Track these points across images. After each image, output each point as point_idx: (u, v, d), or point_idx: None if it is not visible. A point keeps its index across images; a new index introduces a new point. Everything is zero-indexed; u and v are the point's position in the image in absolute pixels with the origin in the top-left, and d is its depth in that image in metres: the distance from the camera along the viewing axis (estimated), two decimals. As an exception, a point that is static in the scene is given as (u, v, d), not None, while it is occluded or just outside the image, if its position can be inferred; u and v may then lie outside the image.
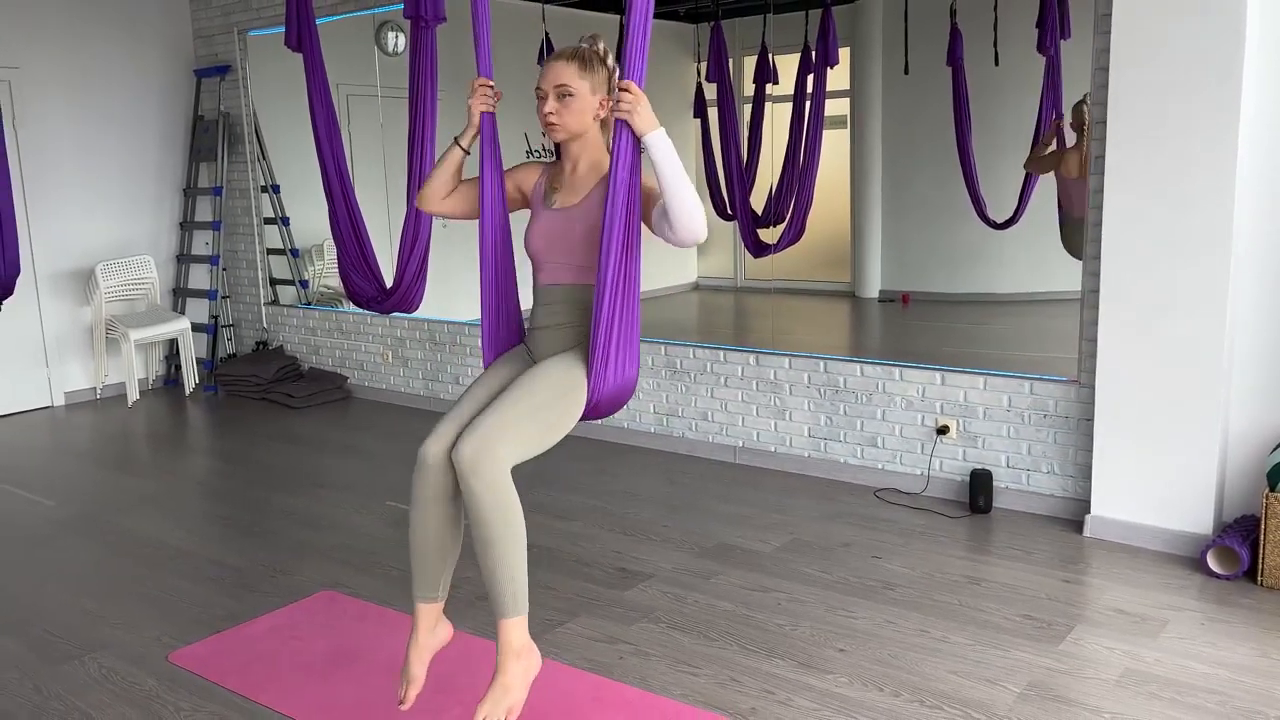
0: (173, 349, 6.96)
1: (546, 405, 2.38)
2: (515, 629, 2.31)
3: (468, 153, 2.60)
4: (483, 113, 2.55)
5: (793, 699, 2.72)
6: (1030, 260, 5.11)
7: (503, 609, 2.30)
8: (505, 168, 2.63)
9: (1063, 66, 4.54)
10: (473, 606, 3.30)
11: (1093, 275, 3.77)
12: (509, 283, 2.65)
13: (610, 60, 2.54)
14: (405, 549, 2.71)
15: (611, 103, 2.42)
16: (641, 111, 2.29)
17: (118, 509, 4.47)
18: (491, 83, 2.56)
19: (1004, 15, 4.88)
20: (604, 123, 2.54)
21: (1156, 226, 3.53)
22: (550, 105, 2.46)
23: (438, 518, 2.44)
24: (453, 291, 6.33)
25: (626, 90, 2.29)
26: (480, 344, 2.64)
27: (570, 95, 2.46)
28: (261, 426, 5.92)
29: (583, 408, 2.46)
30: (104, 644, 3.15)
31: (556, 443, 2.44)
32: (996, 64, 4.95)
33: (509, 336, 2.68)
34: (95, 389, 6.69)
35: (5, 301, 4.37)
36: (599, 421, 4.61)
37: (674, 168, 2.31)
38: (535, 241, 2.58)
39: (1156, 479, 3.64)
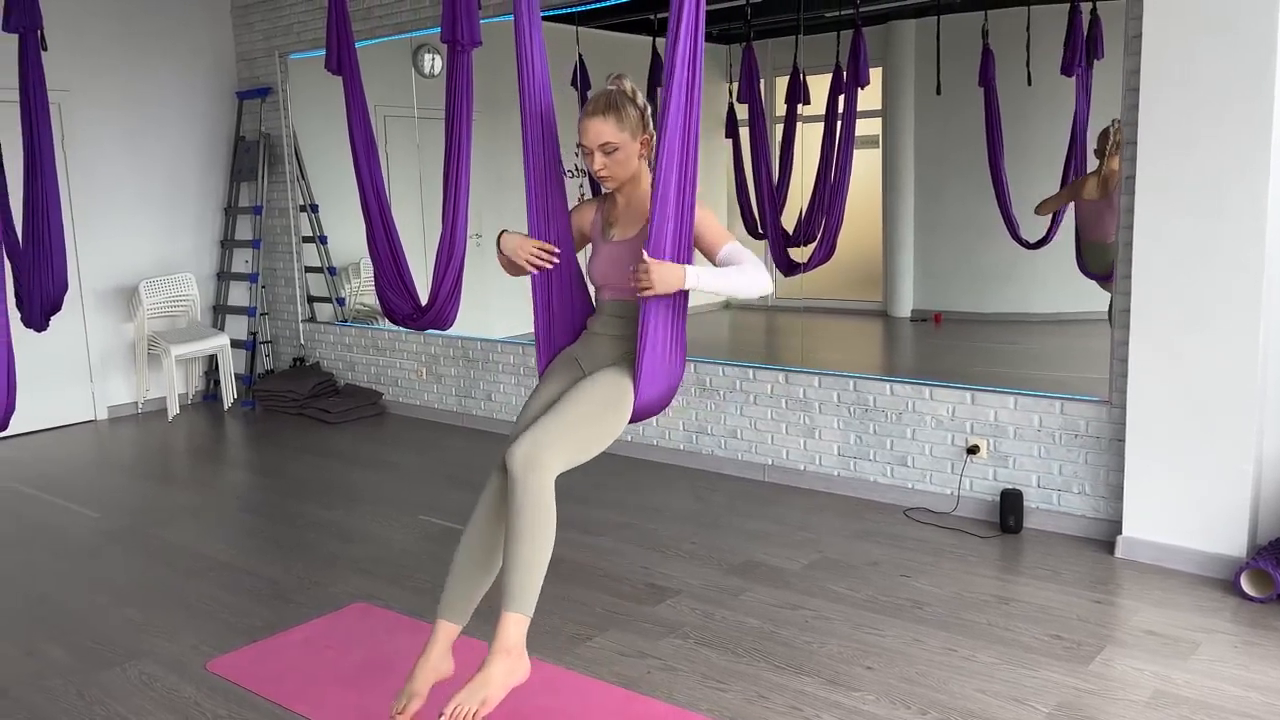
0: (212, 365, 7.09)
1: (594, 418, 2.55)
2: (514, 625, 2.41)
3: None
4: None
5: (820, 716, 2.73)
6: (1063, 280, 5.09)
7: (509, 600, 2.40)
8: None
9: (1093, 87, 4.54)
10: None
11: (1124, 295, 3.76)
12: (563, 309, 2.80)
13: (640, 98, 2.66)
14: (437, 562, 2.77)
15: (650, 148, 2.61)
16: (661, 283, 2.43)
17: (159, 521, 4.56)
18: (552, 250, 2.67)
19: (1036, 36, 4.89)
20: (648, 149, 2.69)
21: (1188, 245, 3.53)
22: (599, 162, 2.62)
23: (488, 532, 2.59)
24: (486, 309, 6.40)
25: (643, 272, 2.42)
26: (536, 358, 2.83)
27: (615, 149, 2.60)
28: (298, 441, 6.02)
29: (627, 419, 2.63)
30: (145, 652, 3.23)
31: (604, 449, 2.60)
32: (1029, 84, 4.95)
33: (565, 343, 2.84)
34: (137, 404, 6.83)
35: (53, 318, 4.48)
36: (628, 438, 4.64)
37: (721, 284, 2.51)
38: (597, 274, 2.76)
39: (1189, 500, 3.62)
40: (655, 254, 2.47)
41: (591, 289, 2.84)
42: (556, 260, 2.69)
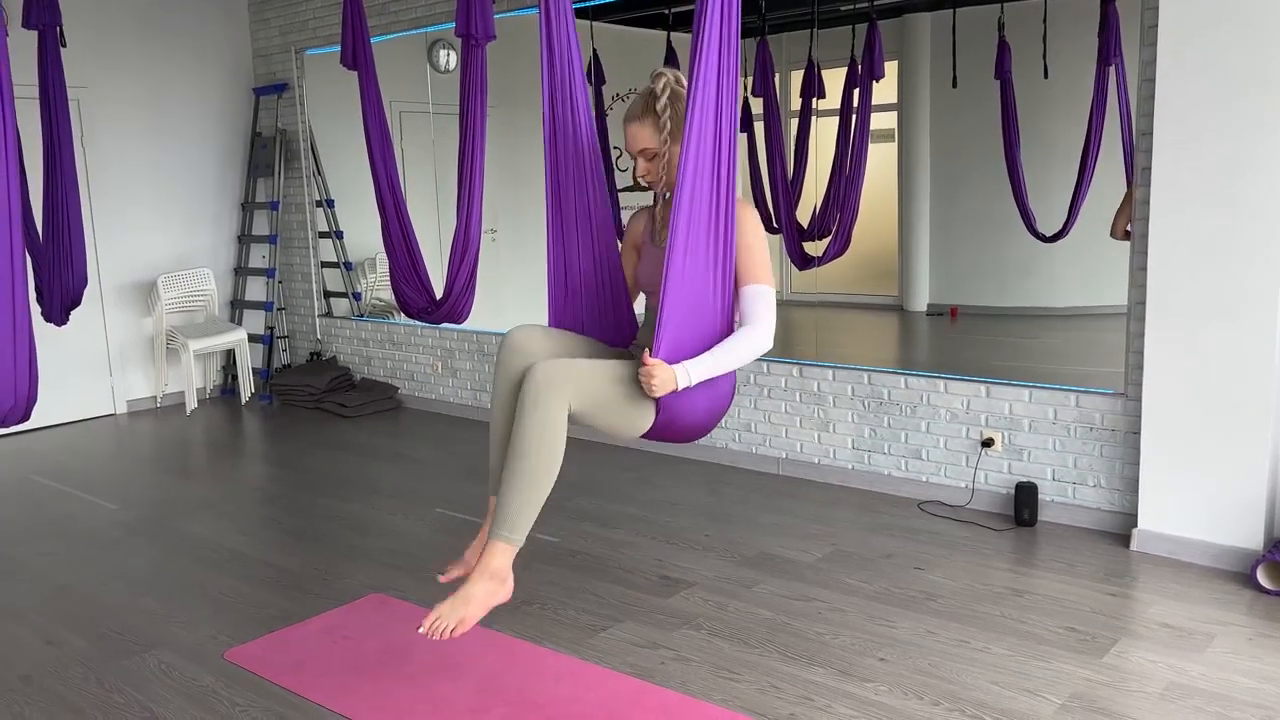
0: (230, 359, 7.15)
1: (620, 380, 2.48)
2: (501, 551, 2.44)
3: None
4: None
5: (832, 706, 2.74)
6: (1080, 274, 5.07)
7: (500, 526, 2.43)
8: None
9: (1110, 80, 4.51)
10: (517, 612, 3.36)
11: (1139, 287, 3.75)
12: (591, 307, 2.82)
13: (662, 99, 2.63)
14: (454, 554, 2.79)
15: None
16: (660, 386, 2.43)
17: (177, 513, 4.61)
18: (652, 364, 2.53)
19: (1053, 28, 4.87)
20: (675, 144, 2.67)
21: (1203, 237, 3.51)
22: (643, 167, 2.65)
23: (509, 408, 2.57)
24: (501, 304, 6.43)
25: (645, 376, 2.42)
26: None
27: (654, 155, 2.63)
28: (315, 435, 6.06)
29: (644, 423, 2.57)
30: (164, 641, 3.27)
31: (611, 431, 2.57)
32: (1045, 76, 4.93)
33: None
34: (155, 398, 6.89)
35: (73, 312, 4.53)
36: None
37: (716, 368, 2.50)
38: (645, 279, 2.79)
39: (1205, 493, 3.61)
40: (685, 259, 2.42)
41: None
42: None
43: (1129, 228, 3.84)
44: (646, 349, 2.45)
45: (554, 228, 2.75)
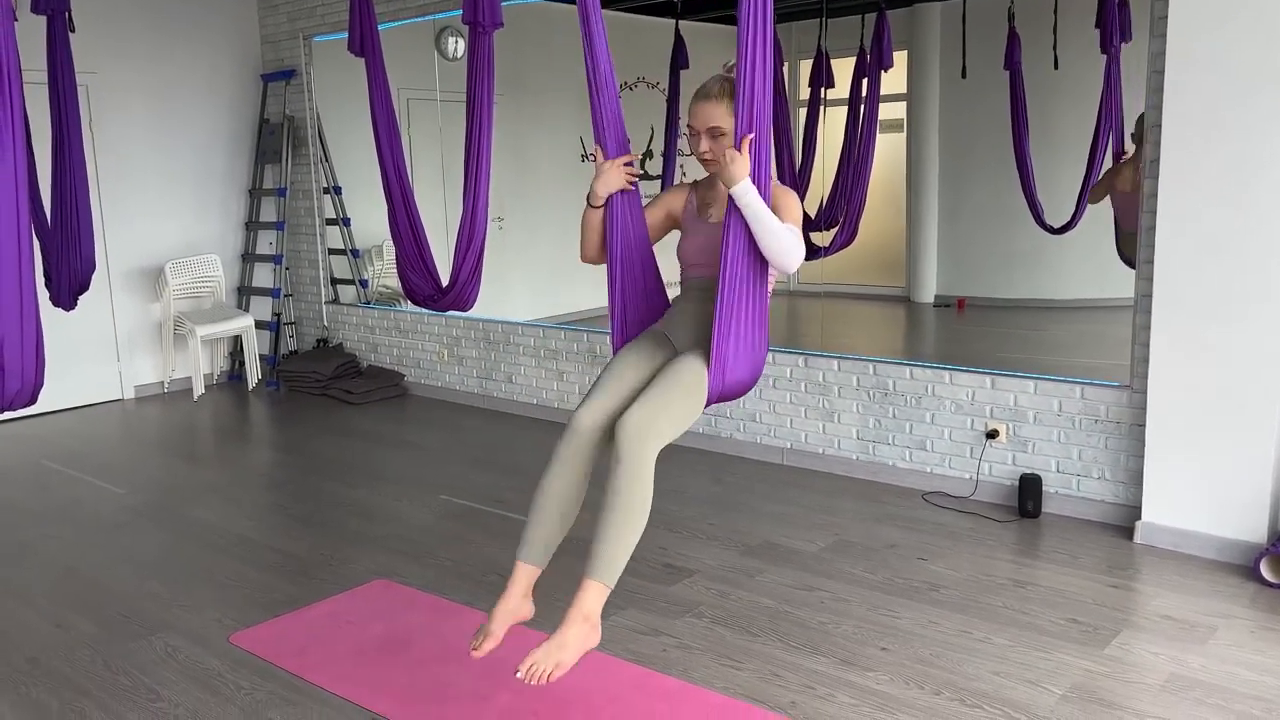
0: (237, 345, 7.17)
1: (687, 394, 2.56)
2: (595, 593, 2.45)
3: (600, 207, 2.72)
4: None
5: (834, 695, 2.75)
6: (1088, 266, 5.06)
7: (594, 569, 2.44)
8: (651, 196, 2.80)
9: (1122, 71, 4.49)
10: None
11: (1145, 280, 3.74)
12: (636, 292, 2.79)
13: None
14: (458, 540, 2.80)
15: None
16: (730, 165, 2.45)
17: (184, 497, 4.63)
18: (630, 160, 2.66)
19: (1063, 18, 4.84)
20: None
21: (1211, 230, 3.50)
22: (705, 145, 2.61)
23: (571, 483, 2.62)
24: (507, 292, 6.44)
25: (728, 153, 2.46)
26: (610, 338, 2.84)
27: (723, 134, 2.59)
28: (321, 421, 6.08)
29: (705, 402, 2.63)
30: (170, 625, 3.29)
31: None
32: (1056, 67, 4.91)
33: (637, 330, 2.83)
34: (163, 383, 6.92)
35: (80, 297, 4.54)
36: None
37: (765, 218, 2.46)
38: (690, 252, 2.75)
39: (1209, 485, 3.60)
40: (729, 241, 2.48)
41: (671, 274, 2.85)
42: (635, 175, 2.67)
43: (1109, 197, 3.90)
44: (747, 138, 2.46)
45: (615, 203, 2.74)
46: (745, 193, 2.46)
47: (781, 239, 2.46)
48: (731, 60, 2.65)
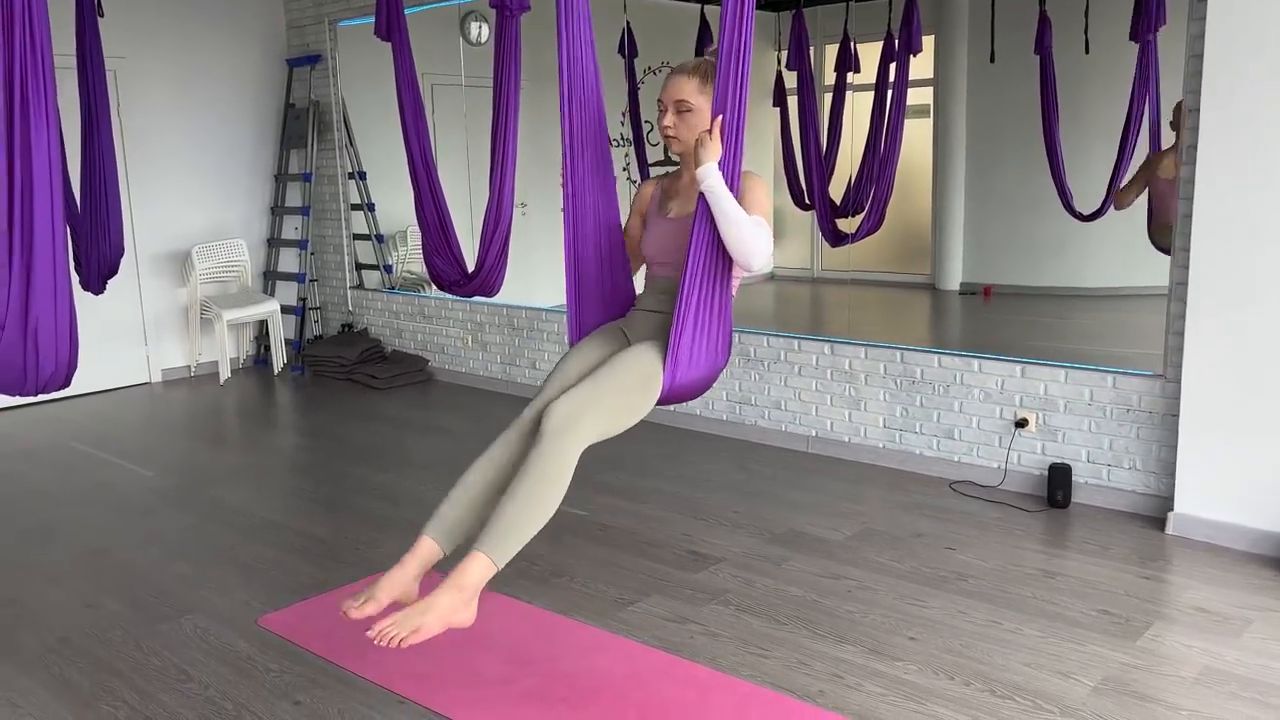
0: (262, 330, 7.20)
1: (628, 391, 2.49)
2: (478, 566, 2.29)
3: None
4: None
5: (862, 684, 2.73)
6: (1118, 254, 5.00)
7: (486, 542, 2.30)
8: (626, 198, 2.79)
9: (1159, 57, 4.42)
10: (546, 584, 3.38)
11: (1181, 267, 3.68)
12: (600, 285, 2.76)
13: None
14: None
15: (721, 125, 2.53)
16: (700, 150, 2.42)
17: (211, 481, 4.66)
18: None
19: (1095, 2, 4.77)
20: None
21: (1249, 217, 3.44)
22: (669, 120, 2.58)
23: (497, 470, 2.50)
24: (533, 277, 6.43)
25: (700, 136, 2.43)
26: (567, 327, 2.77)
27: (689, 110, 2.56)
28: (346, 406, 6.10)
29: (655, 399, 2.56)
30: (199, 606, 3.31)
31: (631, 426, 2.53)
32: (1087, 52, 4.84)
33: (594, 324, 2.78)
34: (189, 367, 6.96)
35: (109, 281, 4.57)
36: (671, 408, 4.66)
37: (729, 209, 2.41)
38: (649, 248, 2.72)
39: (1243, 476, 3.55)
40: (695, 237, 2.45)
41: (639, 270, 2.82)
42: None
43: (1135, 199, 3.84)
44: (718, 119, 2.43)
45: (570, 198, 2.72)
46: (708, 175, 2.41)
47: (742, 229, 2.40)
48: (714, 46, 2.63)
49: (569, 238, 2.70)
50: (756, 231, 2.42)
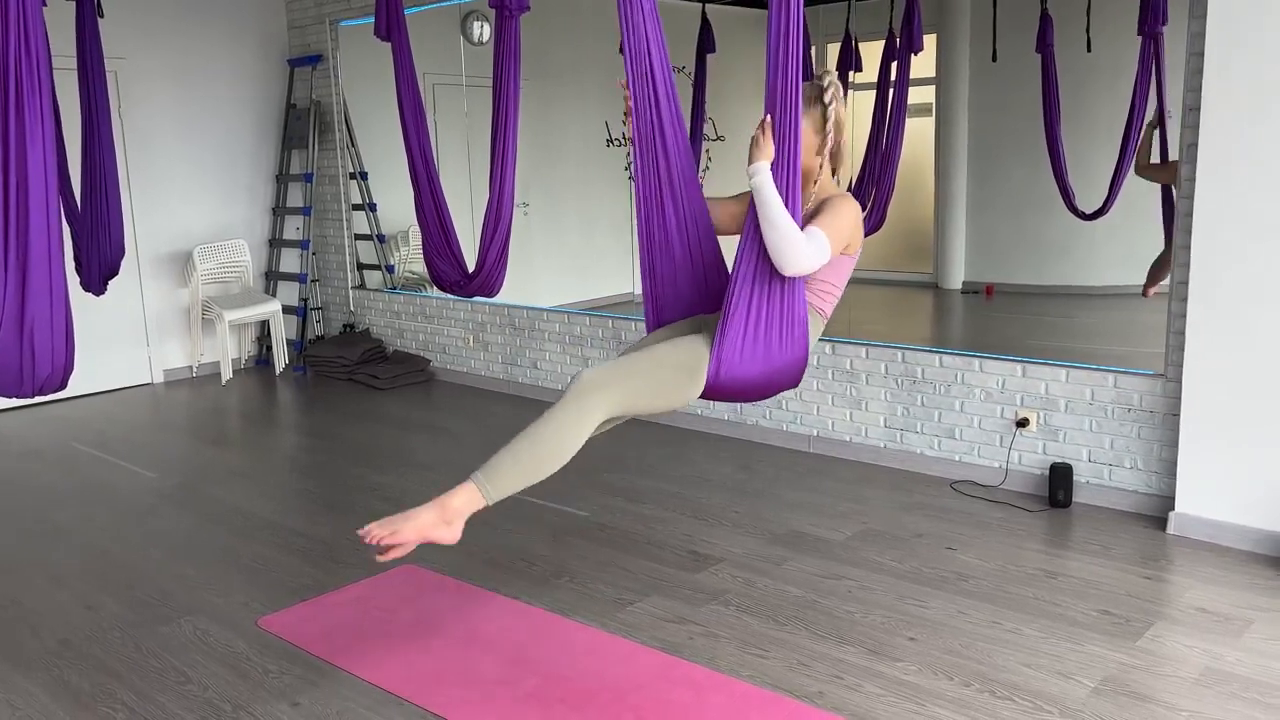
0: (264, 330, 7.21)
1: (662, 370, 2.54)
2: (466, 494, 2.48)
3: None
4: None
5: (862, 685, 2.73)
6: (1120, 253, 4.99)
7: (480, 471, 2.48)
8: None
9: (1165, 54, 4.41)
10: (546, 584, 3.38)
11: (1182, 266, 3.67)
12: (672, 283, 2.77)
13: (829, 95, 2.61)
14: (486, 527, 2.80)
15: (827, 146, 2.60)
16: (751, 150, 2.48)
17: (212, 481, 4.67)
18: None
19: (1097, 1, 4.76)
20: (831, 155, 2.65)
21: (1250, 216, 3.43)
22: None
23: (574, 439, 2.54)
24: (533, 279, 6.44)
25: (758, 133, 2.48)
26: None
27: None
28: (347, 406, 6.11)
29: (696, 389, 2.58)
30: (199, 608, 3.31)
31: (662, 410, 2.59)
32: (1089, 50, 4.83)
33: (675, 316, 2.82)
34: (191, 367, 6.97)
35: (110, 282, 4.57)
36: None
37: (773, 212, 2.45)
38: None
39: (1245, 476, 3.54)
40: (745, 238, 2.51)
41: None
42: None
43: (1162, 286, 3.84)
44: (767, 119, 2.47)
45: (643, 201, 2.70)
46: (755, 173, 2.46)
47: (781, 233, 2.42)
48: (823, 68, 2.66)
49: (643, 235, 2.71)
50: (797, 240, 2.44)
